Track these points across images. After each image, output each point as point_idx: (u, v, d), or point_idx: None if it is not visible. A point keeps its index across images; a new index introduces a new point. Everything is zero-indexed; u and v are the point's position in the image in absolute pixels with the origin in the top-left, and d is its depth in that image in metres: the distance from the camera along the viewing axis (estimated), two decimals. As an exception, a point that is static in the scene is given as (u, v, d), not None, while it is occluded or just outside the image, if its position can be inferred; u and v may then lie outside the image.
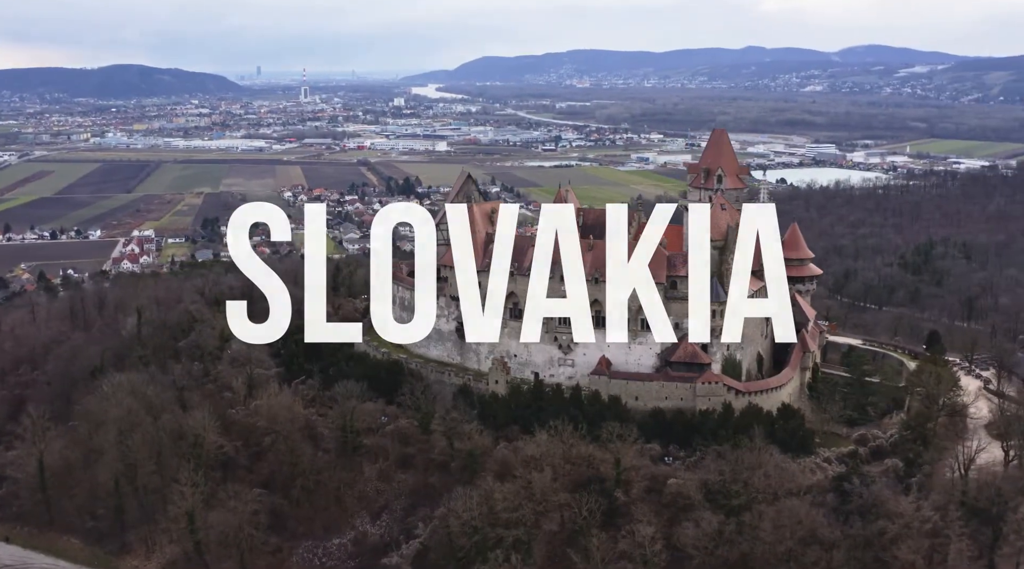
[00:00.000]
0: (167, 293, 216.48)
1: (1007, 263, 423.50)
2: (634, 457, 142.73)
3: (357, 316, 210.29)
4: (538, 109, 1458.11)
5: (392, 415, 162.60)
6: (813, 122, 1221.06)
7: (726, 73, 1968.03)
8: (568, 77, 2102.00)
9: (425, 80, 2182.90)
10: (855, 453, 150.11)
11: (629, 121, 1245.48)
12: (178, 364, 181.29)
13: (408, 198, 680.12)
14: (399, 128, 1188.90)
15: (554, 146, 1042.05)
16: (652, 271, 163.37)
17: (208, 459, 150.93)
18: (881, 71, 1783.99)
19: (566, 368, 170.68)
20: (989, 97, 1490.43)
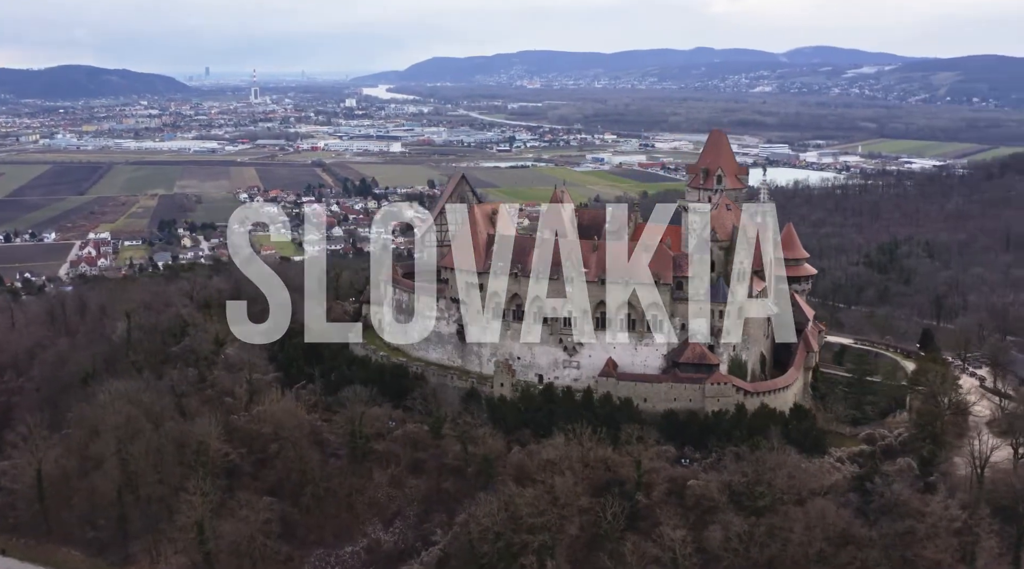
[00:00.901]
0: (153, 297, 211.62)
1: (969, 261, 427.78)
2: (653, 459, 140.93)
3: (349, 318, 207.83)
4: (490, 110, 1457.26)
5: (399, 420, 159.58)
6: (764, 122, 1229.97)
7: (676, 74, 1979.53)
8: (519, 78, 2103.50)
9: (376, 81, 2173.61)
10: (873, 453, 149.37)
11: (582, 122, 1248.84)
12: (172, 370, 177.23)
13: (365, 199, 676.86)
14: (352, 129, 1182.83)
15: (508, 147, 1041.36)
16: (659, 272, 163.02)
17: (214, 467, 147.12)
18: (829, 72, 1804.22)
19: (571, 370, 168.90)
20: (936, 97, 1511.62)
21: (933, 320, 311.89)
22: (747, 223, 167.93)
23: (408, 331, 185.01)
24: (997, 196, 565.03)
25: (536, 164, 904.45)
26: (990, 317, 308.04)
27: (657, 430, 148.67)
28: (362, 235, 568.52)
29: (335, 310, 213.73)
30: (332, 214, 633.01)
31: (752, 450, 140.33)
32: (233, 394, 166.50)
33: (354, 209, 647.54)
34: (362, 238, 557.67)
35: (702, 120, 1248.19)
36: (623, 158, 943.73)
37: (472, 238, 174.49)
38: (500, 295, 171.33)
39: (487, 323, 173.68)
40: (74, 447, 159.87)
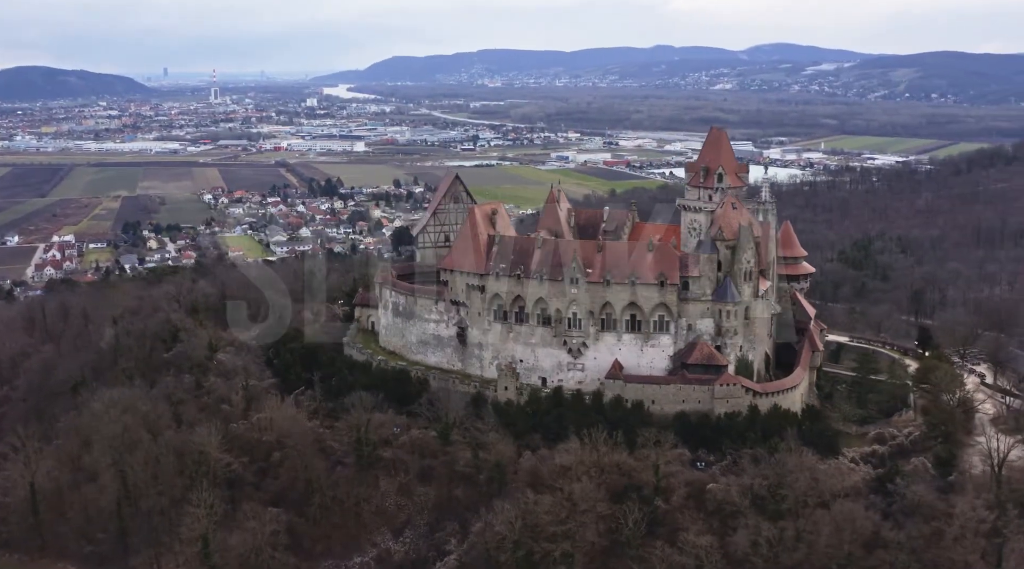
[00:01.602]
0: (138, 302, 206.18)
1: (943, 257, 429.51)
2: (670, 464, 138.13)
3: (338, 322, 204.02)
4: (452, 109, 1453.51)
5: (403, 426, 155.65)
6: (726, 120, 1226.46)
7: (636, 72, 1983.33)
8: (479, 77, 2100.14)
9: (336, 80, 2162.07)
10: (892, 453, 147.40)
11: (545, 120, 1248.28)
12: (167, 377, 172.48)
13: (331, 200, 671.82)
14: (314, 129, 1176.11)
15: (472, 146, 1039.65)
16: (665, 272, 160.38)
17: (215, 477, 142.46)
18: (789, 69, 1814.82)
19: (575, 373, 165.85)
20: (895, 94, 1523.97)
21: (912, 316, 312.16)
22: (753, 222, 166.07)
23: (406, 334, 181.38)
24: (966, 191, 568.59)
25: (501, 163, 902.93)
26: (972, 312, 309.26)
27: (662, 432, 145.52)
28: (330, 235, 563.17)
29: (324, 313, 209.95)
30: (299, 215, 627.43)
31: (770, 453, 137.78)
32: (230, 401, 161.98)
33: (321, 209, 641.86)
34: (331, 238, 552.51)
35: (665, 118, 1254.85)
36: (588, 156, 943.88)
37: (473, 239, 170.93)
38: (502, 297, 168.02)
39: (488, 325, 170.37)
40: (66, 458, 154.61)
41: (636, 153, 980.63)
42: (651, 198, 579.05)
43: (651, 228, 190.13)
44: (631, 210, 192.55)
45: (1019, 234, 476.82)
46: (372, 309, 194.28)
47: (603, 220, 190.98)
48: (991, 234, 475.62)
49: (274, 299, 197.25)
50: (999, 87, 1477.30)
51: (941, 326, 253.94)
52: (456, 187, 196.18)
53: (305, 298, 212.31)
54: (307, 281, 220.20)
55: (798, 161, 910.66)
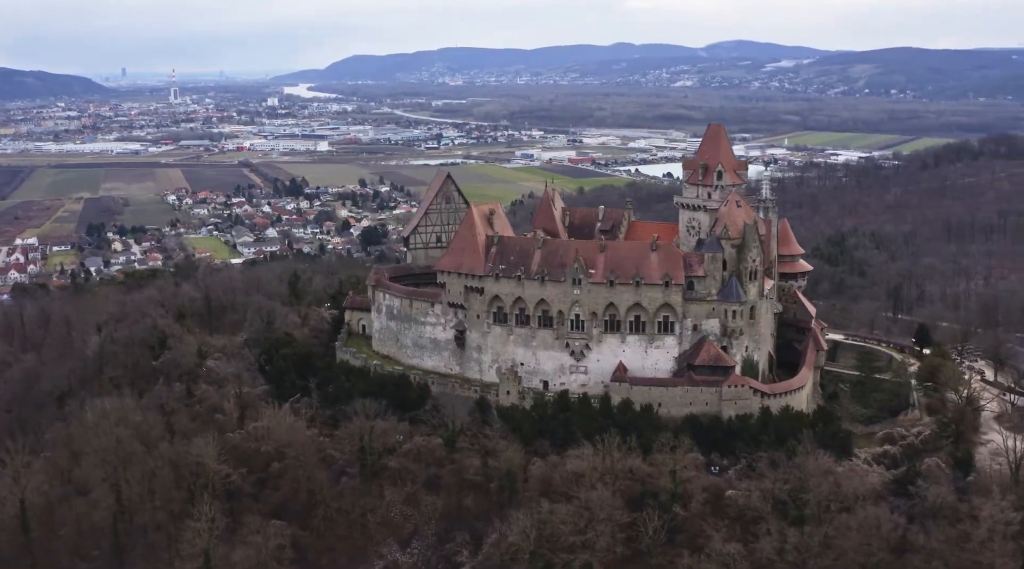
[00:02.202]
0: (121, 308, 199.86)
1: (916, 252, 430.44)
2: (686, 469, 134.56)
3: (326, 325, 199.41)
4: (414, 107, 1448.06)
5: (405, 433, 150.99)
6: (689, 117, 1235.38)
7: (597, 69, 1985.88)
8: (440, 75, 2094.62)
9: (296, 79, 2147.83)
10: (911, 454, 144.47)
11: (508, 118, 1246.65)
12: (159, 386, 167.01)
13: (297, 200, 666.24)
14: (276, 128, 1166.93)
15: (436, 144, 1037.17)
16: (670, 272, 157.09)
17: (214, 490, 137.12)
18: (748, 66, 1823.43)
19: (578, 375, 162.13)
20: (855, 90, 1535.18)
21: (891, 312, 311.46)
22: (758, 220, 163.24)
23: (401, 338, 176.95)
24: (933, 186, 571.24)
25: (466, 161, 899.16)
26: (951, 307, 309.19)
27: (679, 437, 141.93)
28: (297, 236, 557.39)
29: (312, 316, 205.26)
30: (264, 215, 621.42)
31: (788, 456, 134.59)
32: (224, 410, 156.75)
33: (286, 209, 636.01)
34: (298, 239, 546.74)
35: (627, 115, 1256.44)
36: (553, 154, 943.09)
37: (471, 240, 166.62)
38: (502, 299, 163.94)
39: (488, 328, 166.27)
40: (55, 472, 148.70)
41: (600, 150, 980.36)
42: (621, 196, 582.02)
43: (647, 226, 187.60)
44: (627, 208, 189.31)
45: (989, 228, 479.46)
46: (363, 312, 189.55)
47: (598, 219, 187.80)
48: (961, 229, 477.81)
49: (262, 303, 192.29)
50: (957, 83, 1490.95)
51: (925, 322, 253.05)
52: (448, 187, 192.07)
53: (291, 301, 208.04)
54: (292, 284, 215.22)
55: (762, 157, 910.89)
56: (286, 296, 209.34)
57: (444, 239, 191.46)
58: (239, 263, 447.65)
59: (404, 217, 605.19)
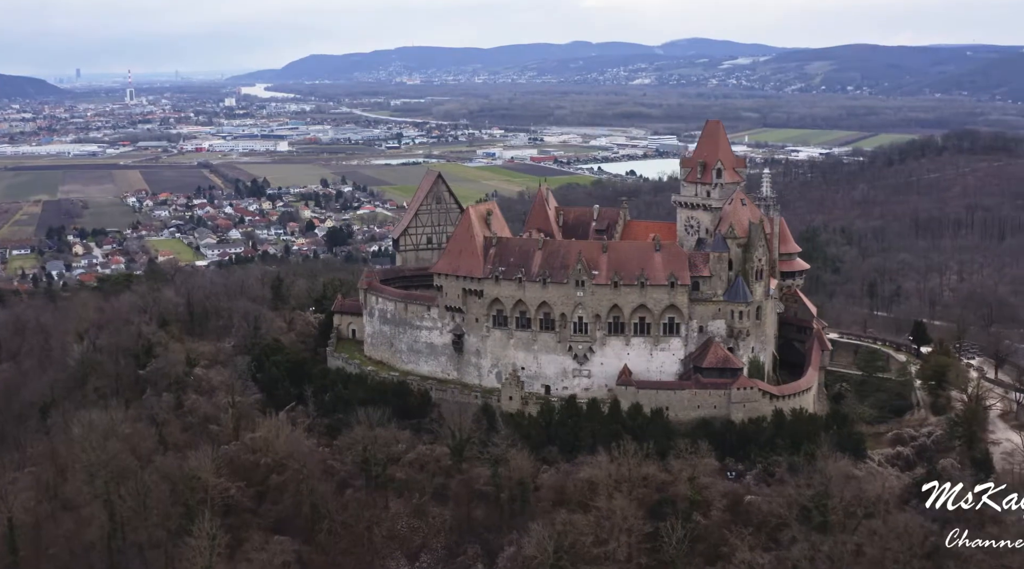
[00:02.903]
0: (100, 314, 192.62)
1: (888, 247, 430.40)
2: (705, 475, 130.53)
3: (313, 330, 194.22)
4: (373, 107, 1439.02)
5: (407, 441, 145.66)
6: (649, 114, 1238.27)
7: (555, 68, 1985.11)
8: (398, 74, 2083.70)
9: (252, 79, 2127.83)
10: (930, 457, 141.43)
11: (468, 117, 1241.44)
12: (140, 396, 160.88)
13: (259, 200, 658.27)
14: (235, 129, 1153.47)
15: (397, 144, 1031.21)
16: (676, 272, 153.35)
17: (213, 506, 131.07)
18: (706, 63, 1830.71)
19: (581, 379, 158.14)
20: (812, 87, 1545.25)
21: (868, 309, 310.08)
22: (764, 219, 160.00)
23: (395, 342, 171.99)
24: (900, 182, 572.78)
25: (428, 161, 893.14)
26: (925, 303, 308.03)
27: (690, 441, 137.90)
28: (261, 237, 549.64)
29: (297, 321, 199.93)
30: (227, 217, 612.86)
31: (808, 460, 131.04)
32: (218, 421, 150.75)
33: (249, 210, 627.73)
34: (262, 240, 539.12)
35: (587, 113, 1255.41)
36: (514, 152, 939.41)
37: (468, 241, 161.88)
38: (503, 302, 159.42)
39: (487, 332, 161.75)
40: (42, 488, 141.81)
41: (562, 149, 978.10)
42: (588, 194, 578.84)
43: (644, 226, 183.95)
44: (622, 208, 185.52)
45: (957, 223, 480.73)
46: (353, 316, 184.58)
47: (593, 218, 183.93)
48: (930, 224, 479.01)
49: (249, 308, 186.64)
50: (913, 79, 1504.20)
51: (895, 318, 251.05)
52: (439, 187, 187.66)
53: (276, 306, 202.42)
54: (275, 288, 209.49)
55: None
56: (268, 300, 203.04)
57: (435, 240, 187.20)
58: (204, 265, 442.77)
59: (369, 217, 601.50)
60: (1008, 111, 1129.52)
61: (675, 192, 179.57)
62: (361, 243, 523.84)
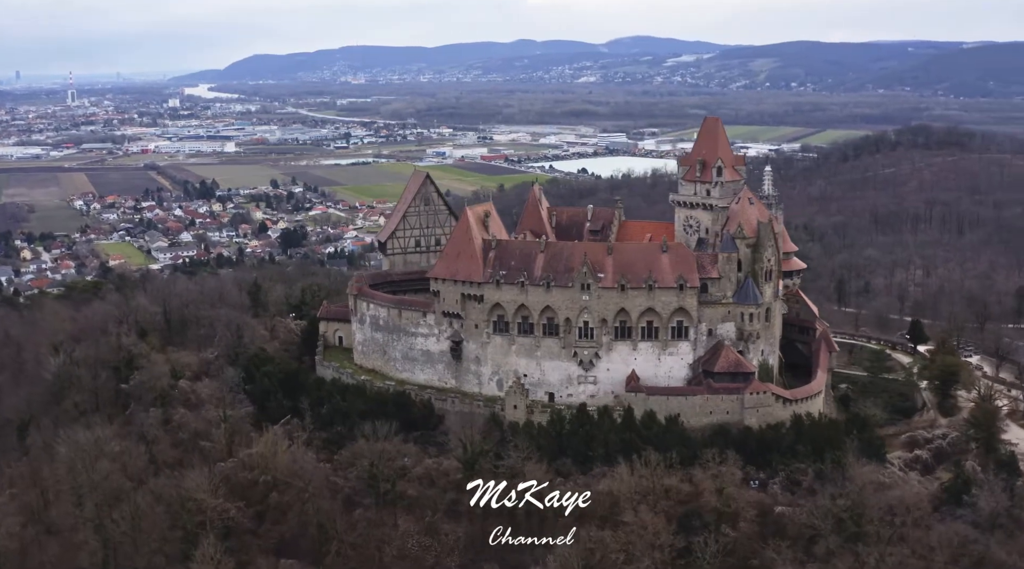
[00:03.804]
0: (74, 324, 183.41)
1: (851, 244, 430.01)
2: (735, 485, 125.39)
3: (296, 338, 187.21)
4: (319, 107, 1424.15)
5: (413, 455, 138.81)
6: (597, 112, 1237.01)
7: (500, 66, 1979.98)
8: (342, 74, 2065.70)
9: (195, 80, 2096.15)
10: (959, 462, 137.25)
11: (415, 116, 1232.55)
12: (123, 411, 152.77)
13: (209, 202, 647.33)
14: (180, 130, 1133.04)
15: (346, 143, 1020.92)
16: (684, 274, 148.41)
17: (214, 528, 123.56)
18: (650, 61, 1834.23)
19: (587, 386, 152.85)
20: (756, 83, 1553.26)
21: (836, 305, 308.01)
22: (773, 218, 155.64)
23: (389, 350, 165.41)
24: (856, 178, 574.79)
25: (377, 160, 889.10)
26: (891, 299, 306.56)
27: (717, 450, 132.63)
28: (214, 239, 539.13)
29: (278, 328, 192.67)
30: (177, 219, 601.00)
31: (836, 467, 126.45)
32: (210, 437, 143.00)
33: (199, 212, 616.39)
34: (215, 243, 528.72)
35: (535, 112, 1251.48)
36: (464, 152, 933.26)
37: (467, 245, 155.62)
38: (504, 307, 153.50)
39: (487, 338, 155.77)
40: (27, 511, 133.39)
41: (512, 147, 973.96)
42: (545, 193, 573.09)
43: (640, 226, 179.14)
44: (617, 207, 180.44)
45: (916, 218, 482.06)
46: (340, 323, 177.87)
47: (587, 219, 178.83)
48: (890, 219, 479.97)
49: (232, 316, 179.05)
50: (856, 75, 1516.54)
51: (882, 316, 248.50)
52: (427, 188, 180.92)
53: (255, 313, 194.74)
54: (253, 294, 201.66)
55: (673, 151, 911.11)
56: (247, 307, 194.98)
57: (423, 243, 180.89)
58: (158, 269, 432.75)
59: (322, 218, 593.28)
60: (951, 106, 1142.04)
61: (673, 191, 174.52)
62: (316, 244, 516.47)
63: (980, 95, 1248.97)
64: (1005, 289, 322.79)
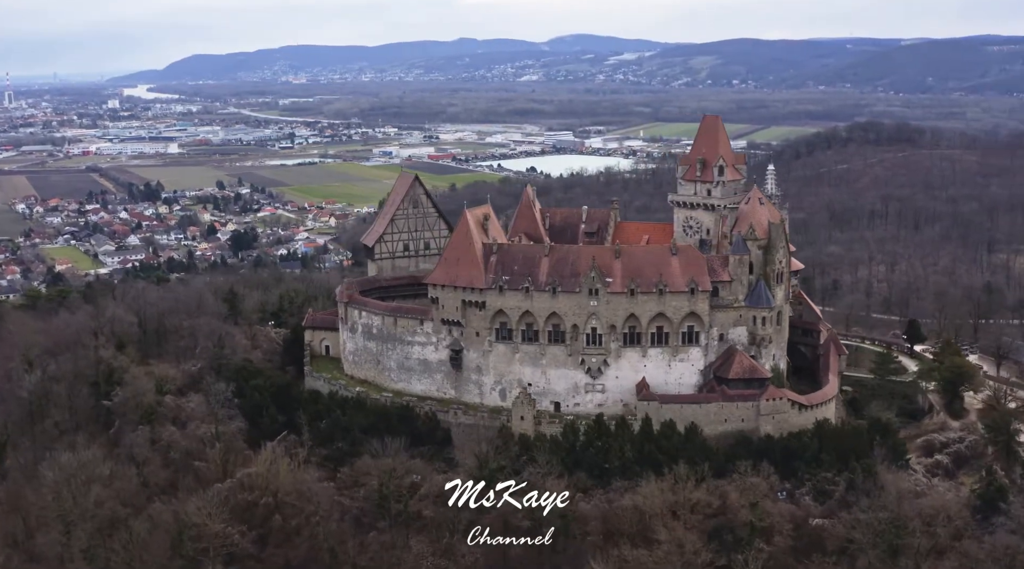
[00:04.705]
0: (44, 336, 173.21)
1: (812, 240, 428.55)
2: (767, 498, 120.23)
3: (277, 347, 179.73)
4: (262, 107, 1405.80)
5: (422, 472, 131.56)
6: (542, 110, 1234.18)
7: (441, 65, 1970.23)
8: (283, 73, 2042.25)
9: (134, 81, 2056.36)
10: (991, 468, 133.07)
11: (359, 116, 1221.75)
12: (107, 430, 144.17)
13: (155, 204, 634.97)
14: (121, 131, 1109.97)
15: (290, 144, 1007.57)
16: (696, 277, 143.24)
17: (217, 555, 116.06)
18: (592, 59, 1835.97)
19: (594, 395, 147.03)
20: (698, 81, 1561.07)
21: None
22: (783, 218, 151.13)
23: (383, 360, 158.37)
24: (810, 174, 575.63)
25: (323, 160, 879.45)
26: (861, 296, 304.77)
27: (751, 462, 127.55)
28: (162, 242, 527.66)
29: (259, 337, 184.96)
30: (123, 222, 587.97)
31: (868, 475, 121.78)
32: (203, 456, 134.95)
33: (145, 215, 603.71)
34: (163, 246, 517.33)
35: (480, 110, 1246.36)
36: (411, 151, 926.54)
37: (467, 249, 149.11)
38: (507, 313, 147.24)
39: (489, 346, 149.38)
40: (10, 540, 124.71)
41: (458, 146, 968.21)
42: (497, 192, 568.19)
43: (636, 227, 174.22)
44: (612, 208, 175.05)
45: (872, 214, 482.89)
46: (326, 332, 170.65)
47: (582, 220, 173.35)
48: (846, 215, 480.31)
49: (215, 326, 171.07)
50: (796, 72, 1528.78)
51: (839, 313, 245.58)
52: (415, 190, 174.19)
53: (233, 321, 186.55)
54: (230, 301, 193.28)
55: (620, 149, 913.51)
56: (225, 315, 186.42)
57: (412, 247, 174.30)
58: (106, 273, 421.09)
59: (271, 219, 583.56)
60: (893, 102, 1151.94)
61: (672, 191, 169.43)
62: (267, 247, 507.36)
63: (920, 91, 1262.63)
64: (971, 284, 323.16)
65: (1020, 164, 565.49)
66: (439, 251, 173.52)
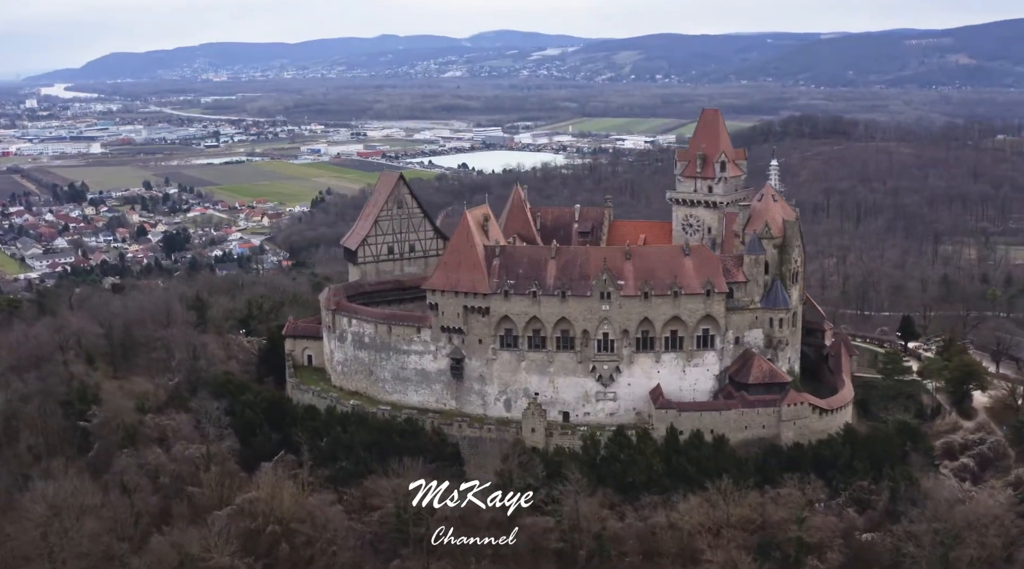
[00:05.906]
0: (7, 351, 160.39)
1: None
2: (812, 511, 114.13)
3: (253, 357, 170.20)
4: (183, 105, 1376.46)
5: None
6: (468, 106, 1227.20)
7: (363, 62, 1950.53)
8: (203, 71, 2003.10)
9: (51, 79, 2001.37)
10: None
11: (284, 113, 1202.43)
12: (84, 454, 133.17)
13: (81, 205, 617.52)
14: (41, 131, 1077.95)
15: (215, 142, 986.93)
16: (711, 278, 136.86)
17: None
18: (515, 55, 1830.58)
19: (606, 403, 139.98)
20: (621, 76, 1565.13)
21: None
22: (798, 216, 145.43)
23: (376, 370, 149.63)
24: (752, 168, 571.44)
25: (251, 159, 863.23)
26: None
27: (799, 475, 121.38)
28: (91, 245, 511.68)
29: (231, 346, 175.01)
30: (49, 224, 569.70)
31: (910, 483, 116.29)
32: (197, 481, 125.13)
33: (72, 217, 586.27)
34: (93, 248, 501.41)
35: (406, 107, 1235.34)
36: (340, 148, 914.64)
37: (468, 252, 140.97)
38: (513, 319, 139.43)
39: (493, 354, 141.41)
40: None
41: (387, 143, 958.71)
42: (436, 189, 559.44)
43: (632, 225, 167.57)
44: (606, 207, 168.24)
45: (814, 207, 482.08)
46: (309, 340, 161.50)
47: (574, 219, 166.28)
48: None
49: (191, 337, 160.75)
50: (718, 67, 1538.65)
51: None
52: (400, 190, 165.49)
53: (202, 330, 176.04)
54: (199, 309, 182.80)
55: (550, 145, 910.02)
56: (193, 324, 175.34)
57: (397, 250, 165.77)
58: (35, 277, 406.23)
59: (203, 220, 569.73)
60: (815, 96, 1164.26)
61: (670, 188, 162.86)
62: (201, 248, 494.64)
63: (840, 85, 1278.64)
64: (924, 276, 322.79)
65: (955, 156, 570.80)
66: (425, 253, 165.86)
